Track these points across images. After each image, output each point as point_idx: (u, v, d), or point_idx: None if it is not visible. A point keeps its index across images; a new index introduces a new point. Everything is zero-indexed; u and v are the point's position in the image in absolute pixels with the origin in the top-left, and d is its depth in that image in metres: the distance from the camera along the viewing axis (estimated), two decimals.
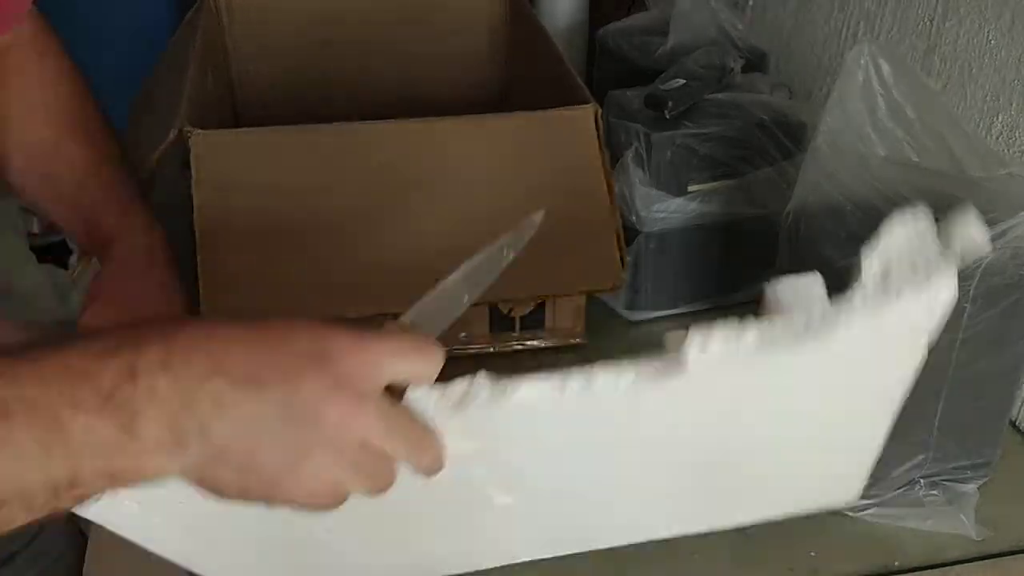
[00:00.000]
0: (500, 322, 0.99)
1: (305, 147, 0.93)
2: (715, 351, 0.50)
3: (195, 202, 0.88)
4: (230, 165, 0.90)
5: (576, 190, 0.95)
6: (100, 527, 0.81)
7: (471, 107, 1.05)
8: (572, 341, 1.03)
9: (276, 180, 0.90)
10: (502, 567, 0.64)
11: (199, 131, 0.87)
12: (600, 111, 0.96)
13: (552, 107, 0.96)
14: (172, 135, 0.89)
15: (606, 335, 1.07)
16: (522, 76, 1.26)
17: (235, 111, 1.26)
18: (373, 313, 0.80)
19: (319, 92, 1.24)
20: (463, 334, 0.98)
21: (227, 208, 0.88)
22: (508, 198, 0.93)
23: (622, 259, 0.95)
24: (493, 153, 0.95)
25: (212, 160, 0.88)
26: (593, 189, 0.95)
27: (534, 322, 1.00)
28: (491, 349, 1.00)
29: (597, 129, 0.95)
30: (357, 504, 0.45)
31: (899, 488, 0.82)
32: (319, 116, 0.94)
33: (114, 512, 0.49)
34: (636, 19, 1.27)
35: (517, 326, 1.00)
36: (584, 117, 0.96)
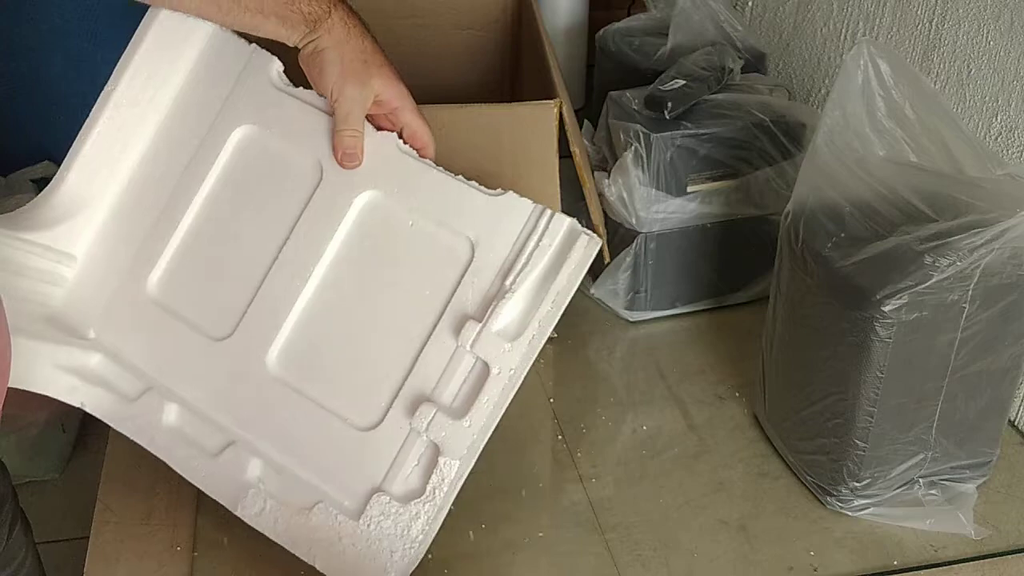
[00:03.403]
0: None
1: None
2: None
3: None
4: None
5: (528, 186, 0.96)
6: (100, 531, 0.82)
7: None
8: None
9: None
10: None
11: None
12: (563, 106, 0.96)
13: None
14: None
15: (606, 335, 1.07)
16: (526, 72, 1.27)
17: None
18: None
19: None
20: None
21: None
22: None
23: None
24: (455, 142, 0.96)
25: None
26: (544, 187, 0.96)
27: None
28: None
29: (562, 125, 0.96)
30: None
31: (898, 487, 0.82)
32: None
33: None
34: (636, 20, 1.27)
35: None
36: (545, 113, 0.96)
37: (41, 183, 1.94)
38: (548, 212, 0.73)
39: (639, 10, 1.34)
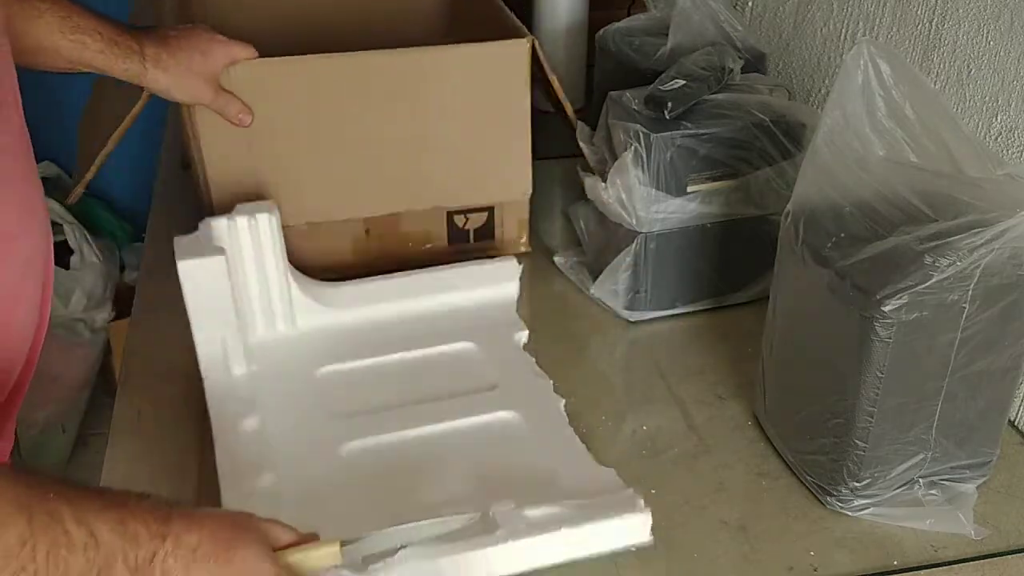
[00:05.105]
0: (456, 234, 1.13)
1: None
2: None
3: None
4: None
5: (500, 115, 1.05)
6: None
7: None
8: (520, 250, 1.16)
9: None
10: None
11: None
12: (537, 43, 0.98)
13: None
14: None
15: (606, 335, 1.07)
16: (466, 28, 1.31)
17: None
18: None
19: (292, 43, 1.29)
20: (427, 245, 1.13)
21: None
22: (434, 120, 1.04)
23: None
24: (432, 80, 1.03)
25: None
26: (515, 115, 1.05)
27: (485, 233, 1.14)
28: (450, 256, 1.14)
29: (536, 60, 0.98)
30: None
31: (898, 488, 0.83)
32: None
33: None
34: (636, 20, 1.27)
35: (471, 237, 1.13)
36: (517, 50, 1.02)
37: (42, 183, 1.93)
38: (641, 501, 0.77)
39: (639, 10, 1.34)
